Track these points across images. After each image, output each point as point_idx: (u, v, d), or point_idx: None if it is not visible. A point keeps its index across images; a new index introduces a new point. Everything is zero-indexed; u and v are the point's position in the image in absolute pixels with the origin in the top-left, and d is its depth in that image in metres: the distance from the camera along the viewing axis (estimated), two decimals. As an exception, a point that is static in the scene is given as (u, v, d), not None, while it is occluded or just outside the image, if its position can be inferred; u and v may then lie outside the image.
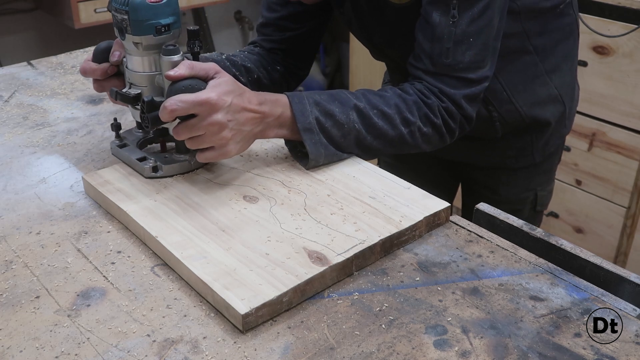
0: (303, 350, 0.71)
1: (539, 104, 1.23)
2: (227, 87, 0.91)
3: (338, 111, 0.99)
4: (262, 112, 0.95)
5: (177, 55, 0.93)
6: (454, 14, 1.00)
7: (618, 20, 1.99)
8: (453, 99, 1.04)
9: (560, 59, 1.23)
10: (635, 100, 2.04)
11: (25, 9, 2.95)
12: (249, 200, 0.94)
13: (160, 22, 0.93)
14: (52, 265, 0.84)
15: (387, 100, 1.03)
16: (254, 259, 0.81)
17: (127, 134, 1.08)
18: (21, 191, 1.01)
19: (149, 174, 0.99)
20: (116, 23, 0.95)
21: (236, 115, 0.91)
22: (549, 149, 1.31)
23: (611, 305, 0.77)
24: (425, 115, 1.03)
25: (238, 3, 3.59)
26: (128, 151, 1.03)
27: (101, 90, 1.04)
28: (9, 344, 0.72)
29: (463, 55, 1.02)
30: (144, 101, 0.92)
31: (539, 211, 1.40)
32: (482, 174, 1.36)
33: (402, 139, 1.03)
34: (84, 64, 1.02)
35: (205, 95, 0.88)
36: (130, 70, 0.98)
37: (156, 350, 0.71)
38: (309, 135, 0.97)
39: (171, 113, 0.87)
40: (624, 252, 2.23)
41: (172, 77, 0.89)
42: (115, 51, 1.00)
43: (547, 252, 0.87)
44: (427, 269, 0.83)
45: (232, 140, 0.92)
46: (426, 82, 1.05)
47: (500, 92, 1.19)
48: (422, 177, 1.23)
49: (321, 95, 1.00)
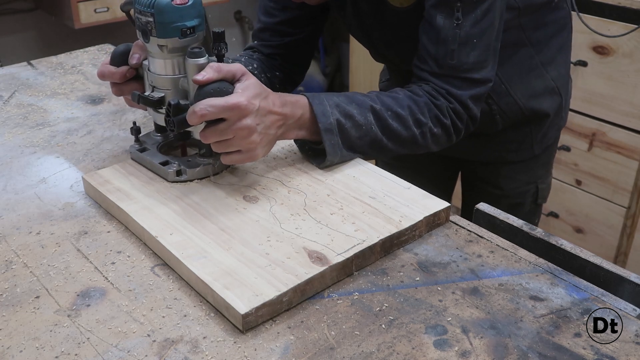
0: (303, 350, 0.71)
1: (537, 96, 1.25)
2: (255, 90, 0.90)
3: (356, 112, 1.00)
4: (285, 114, 0.95)
5: (202, 58, 0.92)
6: (457, 16, 1.01)
7: (618, 20, 1.99)
8: (460, 100, 1.06)
9: (555, 51, 1.25)
10: (635, 100, 2.04)
11: (25, 9, 2.95)
12: (249, 200, 0.94)
13: (186, 25, 0.92)
14: (52, 265, 0.84)
15: (400, 101, 1.04)
16: (254, 259, 0.81)
17: (146, 137, 1.07)
18: (21, 191, 1.01)
19: (173, 178, 0.97)
20: (140, 25, 0.93)
21: (263, 119, 0.91)
22: (547, 141, 1.33)
23: (611, 305, 0.77)
24: (436, 116, 1.05)
25: (238, 3, 3.59)
26: (149, 155, 1.01)
27: (120, 94, 1.02)
28: (9, 344, 0.72)
29: (467, 56, 1.04)
30: (169, 104, 0.91)
31: (539, 204, 1.42)
32: (483, 169, 1.38)
33: (414, 140, 1.05)
34: (102, 68, 1.00)
35: (236, 100, 0.87)
36: (153, 73, 0.96)
37: (156, 350, 0.71)
38: (328, 136, 0.98)
39: (201, 118, 0.86)
40: (624, 252, 2.23)
41: (200, 81, 0.88)
42: (134, 53, 0.98)
43: (547, 252, 0.87)
44: (427, 269, 0.83)
45: (260, 144, 0.91)
46: (433, 83, 1.06)
47: (498, 85, 1.20)
48: (421, 175, 1.23)
49: (339, 97, 1.01)
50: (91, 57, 1.57)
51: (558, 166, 2.28)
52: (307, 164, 1.03)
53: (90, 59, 1.55)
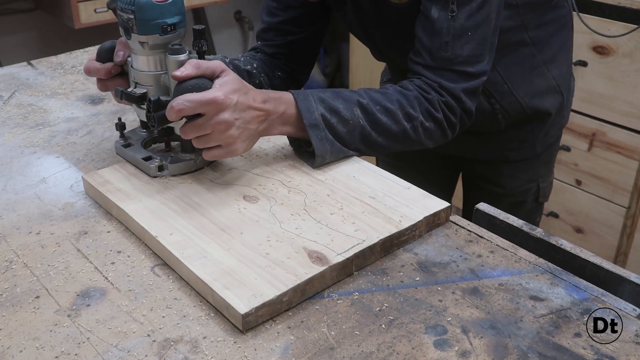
0: (303, 350, 0.71)
1: (539, 95, 1.26)
2: (233, 85, 0.91)
3: (342, 107, 1.00)
4: (266, 110, 0.95)
5: (183, 55, 0.93)
6: (452, 8, 1.02)
7: (618, 20, 1.99)
8: (452, 93, 1.05)
9: (557, 49, 1.26)
10: (635, 100, 2.04)
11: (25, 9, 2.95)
12: (249, 200, 0.94)
13: (167, 22, 0.93)
14: (52, 265, 0.84)
15: (389, 96, 1.04)
16: (254, 259, 0.81)
17: (131, 133, 1.08)
18: (21, 191, 1.01)
19: (155, 173, 0.99)
20: (121, 22, 0.95)
21: (242, 114, 0.92)
22: (548, 140, 1.34)
23: (611, 305, 0.77)
24: (427, 110, 1.04)
25: (238, 3, 3.59)
26: (133, 151, 1.03)
27: (105, 89, 1.04)
28: (9, 344, 0.72)
29: (462, 49, 1.03)
30: (150, 100, 0.92)
31: (540, 202, 1.42)
32: (484, 167, 1.38)
33: (406, 134, 1.04)
34: (88, 64, 1.02)
35: (212, 95, 0.88)
36: (135, 69, 0.98)
37: (156, 350, 0.71)
38: (315, 131, 0.98)
39: (178, 113, 0.88)
40: (624, 252, 2.23)
41: (179, 77, 0.89)
42: (119, 51, 1.00)
43: (547, 252, 0.87)
44: (427, 269, 0.83)
45: (239, 138, 0.92)
46: (425, 77, 1.06)
47: (500, 84, 1.21)
48: (421, 175, 1.23)
49: (325, 93, 1.01)
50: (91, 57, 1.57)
51: (558, 166, 2.28)
52: (307, 164, 1.03)
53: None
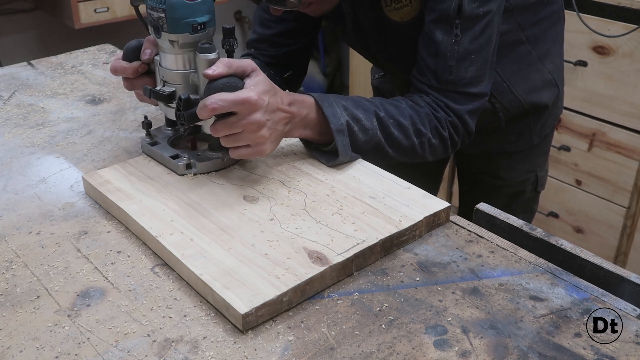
0: (303, 350, 0.71)
1: (536, 90, 1.28)
2: (265, 86, 0.91)
3: (363, 117, 1.01)
4: (292, 112, 0.96)
5: (213, 53, 0.94)
6: (456, 33, 1.03)
7: (618, 20, 1.99)
8: (458, 114, 1.08)
9: (550, 44, 1.28)
10: (635, 100, 2.04)
11: (25, 9, 2.95)
12: (249, 200, 0.94)
13: (197, 20, 0.94)
14: (52, 265, 0.84)
15: (402, 111, 1.05)
16: (254, 259, 0.81)
17: (157, 131, 1.09)
18: (21, 191, 1.01)
19: (183, 172, 0.99)
20: (151, 21, 0.95)
21: (272, 115, 0.92)
22: (545, 130, 1.36)
23: (611, 305, 0.77)
24: (436, 127, 1.07)
25: (238, 3, 3.59)
26: (160, 149, 1.03)
27: (131, 88, 1.04)
28: (9, 344, 0.72)
29: (466, 71, 1.06)
30: (180, 99, 0.92)
31: (538, 192, 1.45)
32: (483, 161, 1.39)
33: (413, 150, 1.07)
34: (114, 63, 1.02)
35: (246, 95, 0.88)
36: (164, 68, 0.98)
37: (156, 350, 0.71)
38: (341, 137, 0.99)
39: (212, 111, 0.88)
40: (624, 252, 2.23)
41: (211, 75, 0.89)
42: (146, 49, 1.00)
43: (547, 252, 0.87)
44: (427, 269, 0.83)
45: (268, 139, 0.93)
46: (432, 95, 1.08)
47: (500, 84, 1.23)
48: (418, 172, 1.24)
49: (346, 101, 1.03)
50: (91, 57, 1.57)
51: (558, 166, 2.28)
52: (307, 164, 1.03)
53: (90, 59, 1.55)
